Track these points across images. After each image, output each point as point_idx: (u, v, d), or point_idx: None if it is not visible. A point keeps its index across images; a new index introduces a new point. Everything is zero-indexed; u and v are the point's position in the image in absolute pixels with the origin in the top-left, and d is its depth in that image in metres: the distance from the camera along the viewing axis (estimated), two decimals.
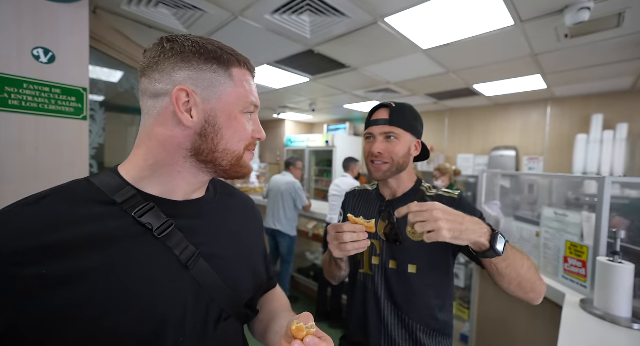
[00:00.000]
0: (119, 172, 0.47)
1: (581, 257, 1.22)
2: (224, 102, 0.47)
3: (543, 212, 1.44)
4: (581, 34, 1.92)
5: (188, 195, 0.50)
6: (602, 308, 1.03)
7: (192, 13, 1.76)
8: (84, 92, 1.09)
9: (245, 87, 0.49)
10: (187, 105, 0.45)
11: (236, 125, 0.48)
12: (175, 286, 0.44)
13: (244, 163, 0.51)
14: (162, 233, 0.44)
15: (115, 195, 0.43)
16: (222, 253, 0.51)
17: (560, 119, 3.72)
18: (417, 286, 0.77)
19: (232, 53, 0.48)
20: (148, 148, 0.47)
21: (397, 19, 1.77)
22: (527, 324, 1.47)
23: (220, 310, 0.49)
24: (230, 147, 0.48)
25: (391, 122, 0.79)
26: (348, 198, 0.98)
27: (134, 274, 0.41)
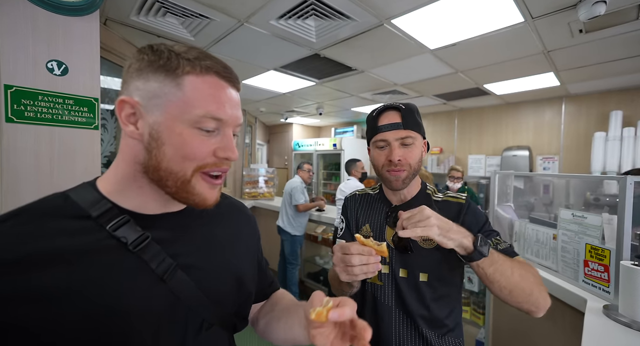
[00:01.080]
0: (97, 185, 0.47)
1: (603, 261, 1.17)
2: (168, 114, 0.42)
3: (560, 213, 1.39)
4: (597, 28, 1.86)
5: (164, 207, 0.49)
6: (628, 315, 0.98)
7: (199, 21, 1.79)
8: (95, 102, 1.12)
9: (198, 97, 0.42)
10: (134, 117, 0.43)
11: (179, 142, 0.42)
12: (149, 300, 0.43)
13: (192, 190, 0.44)
14: (137, 247, 0.43)
15: (90, 209, 0.43)
16: (202, 264, 0.49)
17: (576, 117, 3.61)
18: (429, 295, 0.75)
19: (191, 58, 0.43)
20: (117, 161, 0.47)
21: (403, 20, 1.75)
22: (546, 330, 1.42)
23: (201, 320, 0.48)
24: (171, 167, 0.43)
25: (405, 125, 0.74)
26: (348, 203, 0.92)
27: (105, 289, 0.40)
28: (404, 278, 0.76)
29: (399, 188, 0.76)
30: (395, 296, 0.77)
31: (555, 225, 1.42)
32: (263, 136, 6.53)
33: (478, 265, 0.62)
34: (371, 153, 0.82)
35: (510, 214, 1.93)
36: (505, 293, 0.64)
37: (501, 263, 0.63)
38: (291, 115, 5.21)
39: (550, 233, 1.46)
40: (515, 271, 0.64)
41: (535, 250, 1.55)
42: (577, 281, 1.26)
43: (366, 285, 0.82)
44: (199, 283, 0.47)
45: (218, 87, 0.44)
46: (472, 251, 0.61)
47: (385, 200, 0.86)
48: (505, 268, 0.63)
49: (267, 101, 4.14)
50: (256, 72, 2.76)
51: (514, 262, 0.66)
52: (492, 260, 0.62)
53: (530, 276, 0.66)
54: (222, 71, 0.45)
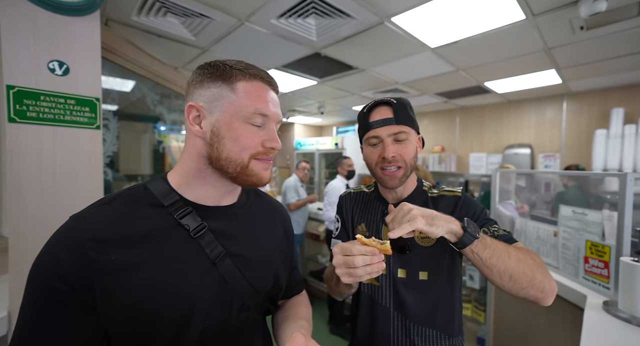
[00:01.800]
0: (168, 179, 0.56)
1: (603, 257, 1.17)
2: (226, 113, 0.52)
3: (561, 210, 1.39)
4: (598, 25, 1.85)
5: (218, 200, 0.57)
6: (628, 311, 0.98)
7: (199, 21, 1.79)
8: (97, 102, 1.12)
9: (248, 98, 0.52)
10: (198, 118, 0.53)
11: (236, 135, 0.52)
12: (204, 279, 0.51)
13: (251, 172, 0.54)
14: (197, 234, 0.52)
15: (163, 199, 0.52)
16: (246, 254, 0.57)
17: (578, 114, 3.59)
18: (429, 293, 0.73)
19: (242, 68, 0.54)
20: (183, 158, 0.56)
21: (403, 18, 1.75)
22: (547, 327, 1.42)
23: (242, 302, 0.55)
24: (231, 156, 0.52)
25: (398, 120, 0.72)
26: (343, 201, 0.90)
27: (172, 266, 0.49)
28: (403, 279, 0.74)
29: (395, 186, 0.75)
30: (393, 297, 0.75)
31: (556, 222, 1.42)
32: None
33: (472, 250, 0.60)
34: (364, 151, 0.80)
35: (511, 212, 1.93)
36: (506, 279, 0.60)
37: (495, 246, 0.61)
38: (293, 115, 5.21)
39: (551, 230, 1.46)
40: (512, 255, 0.61)
41: (536, 247, 1.55)
42: (578, 278, 1.27)
43: (362, 286, 0.80)
44: (243, 271, 0.55)
45: (263, 90, 0.55)
46: (462, 235, 0.59)
47: (380, 199, 0.83)
48: (500, 252, 0.61)
49: None
50: None
51: (510, 246, 0.64)
52: (486, 243, 0.60)
53: (529, 260, 0.63)
54: (265, 77, 0.56)
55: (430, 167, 4.73)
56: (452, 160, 4.52)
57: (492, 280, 0.62)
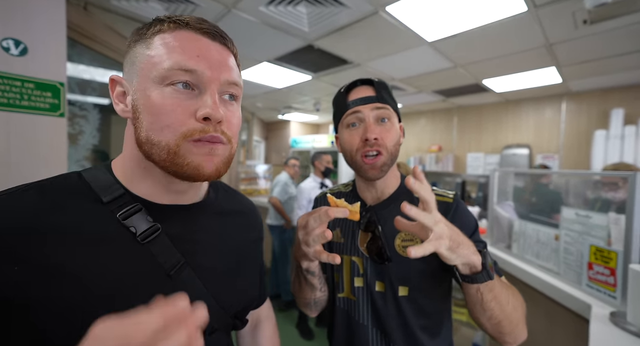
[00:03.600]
0: (112, 167, 0.45)
1: (609, 264, 1.09)
2: (141, 79, 0.39)
3: (562, 213, 1.31)
4: (602, 19, 1.77)
5: (176, 198, 0.46)
6: (638, 324, 0.90)
7: (184, 6, 1.69)
8: (60, 87, 1.02)
9: (166, 50, 0.38)
10: (125, 95, 0.41)
11: (151, 105, 0.37)
12: (155, 295, 0.38)
13: (182, 161, 0.39)
14: (146, 239, 0.40)
15: (102, 193, 0.41)
16: (211, 264, 0.47)
17: (577, 115, 3.53)
18: (410, 312, 0.63)
19: (165, 17, 0.40)
20: (124, 144, 0.44)
21: (398, 7, 1.66)
22: (547, 336, 1.34)
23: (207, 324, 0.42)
24: (151, 136, 0.38)
25: (380, 98, 0.63)
26: (318, 204, 0.79)
27: (105, 279, 0.37)
28: (381, 293, 0.64)
29: (375, 177, 0.64)
30: (371, 313, 0.65)
31: (557, 224, 1.34)
32: (261, 133, 6.44)
33: (478, 288, 0.51)
34: (341, 138, 0.68)
35: (510, 213, 1.85)
36: (493, 323, 0.54)
37: (500, 290, 0.53)
38: (289, 112, 5.12)
39: (552, 234, 1.38)
40: (510, 302, 0.55)
41: (535, 251, 1.47)
42: (580, 285, 1.19)
43: (337, 301, 0.70)
44: (207, 284, 0.45)
45: (191, 39, 0.39)
46: (478, 271, 0.49)
47: (358, 199, 0.72)
48: (502, 297, 0.53)
49: (263, 96, 4.05)
50: (249, 64, 2.66)
51: (509, 291, 0.57)
52: (493, 285, 0.51)
53: (519, 307, 0.58)
54: (194, 23, 0.40)
55: (427, 167, 4.66)
56: (449, 160, 4.44)
57: (477, 317, 0.56)
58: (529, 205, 2.07)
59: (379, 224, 0.64)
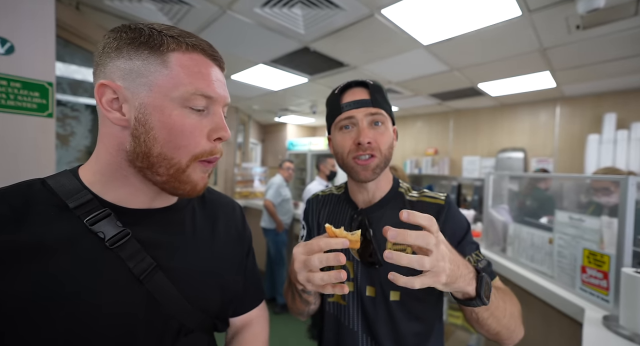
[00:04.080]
0: (79, 173, 0.44)
1: (602, 267, 1.08)
2: (156, 94, 0.40)
3: (556, 216, 1.31)
4: (594, 24, 1.79)
5: (149, 202, 0.46)
6: (630, 328, 0.89)
7: (178, 7, 1.68)
8: (49, 87, 1.00)
9: (186, 74, 0.40)
10: (117, 102, 0.41)
11: (172, 124, 0.40)
12: (123, 301, 0.40)
13: (187, 178, 0.42)
14: (115, 244, 0.40)
15: (69, 199, 0.40)
16: (185, 267, 0.47)
17: (570, 119, 3.57)
18: (402, 317, 0.61)
19: (175, 35, 0.41)
20: (99, 150, 0.44)
21: (394, 10, 1.66)
22: (541, 339, 1.33)
23: (180, 324, 0.45)
24: (166, 152, 0.41)
25: (374, 102, 0.62)
26: (310, 205, 0.78)
27: (76, 286, 0.38)
28: (372, 298, 0.63)
29: (367, 179, 0.63)
30: (361, 319, 0.64)
31: (552, 228, 1.34)
32: (258, 135, 6.43)
33: (472, 310, 0.51)
34: (333, 140, 0.67)
35: (505, 216, 1.85)
36: (491, 334, 0.56)
37: (497, 304, 0.52)
38: (285, 114, 5.11)
39: (546, 237, 1.37)
40: (507, 312, 0.54)
41: (530, 255, 1.47)
42: (574, 289, 1.18)
43: (327, 305, 0.68)
44: (181, 287, 0.45)
45: (206, 65, 0.43)
46: (473, 298, 0.48)
47: (349, 201, 0.71)
48: (499, 312, 0.53)
49: (259, 98, 4.04)
50: (244, 65, 2.66)
51: (505, 300, 0.56)
52: (490, 303, 0.50)
53: (516, 312, 0.58)
54: (207, 49, 0.44)
55: (424, 170, 4.67)
56: (445, 163, 4.46)
57: (476, 329, 0.57)
58: (524, 209, 2.08)
59: (370, 227, 0.63)
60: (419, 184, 4.61)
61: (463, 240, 0.63)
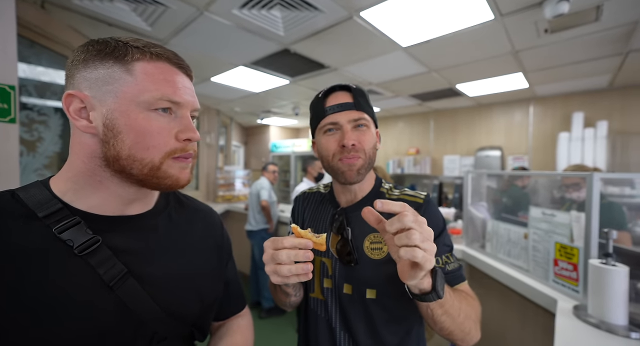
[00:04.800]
0: (50, 184, 0.45)
1: (572, 260, 1.14)
2: (121, 100, 0.42)
3: (530, 212, 1.36)
4: (560, 28, 1.89)
5: (122, 209, 0.47)
6: (597, 316, 0.94)
7: (153, 8, 1.63)
8: (10, 90, 0.95)
9: (151, 81, 0.43)
10: (85, 111, 0.43)
11: (139, 127, 0.42)
12: (92, 307, 0.41)
13: (164, 174, 0.45)
14: (84, 251, 0.41)
15: (38, 209, 0.41)
16: (159, 274, 0.47)
17: (543, 118, 3.74)
18: (379, 316, 0.62)
19: (140, 46, 0.43)
20: (71, 159, 0.45)
21: (372, 12, 1.69)
22: (520, 332, 1.38)
23: (153, 332, 0.45)
24: (135, 154, 0.43)
25: (358, 106, 0.64)
26: (297, 203, 0.80)
27: (44, 294, 0.38)
28: (349, 295, 0.64)
29: (353, 180, 0.64)
30: (339, 315, 0.65)
31: (526, 223, 1.40)
32: (240, 137, 6.33)
33: (428, 306, 0.52)
34: (318, 143, 0.68)
35: (483, 213, 1.92)
36: (445, 333, 0.56)
37: (451, 304, 0.53)
38: (268, 116, 5.07)
39: (522, 233, 1.43)
40: (462, 312, 0.55)
41: (507, 250, 1.52)
42: (548, 281, 1.24)
43: (309, 300, 0.70)
44: (154, 294, 0.45)
45: (171, 73, 0.45)
46: (428, 292, 0.49)
47: (333, 201, 0.73)
48: (453, 311, 0.54)
49: (241, 100, 3.98)
50: (225, 68, 2.62)
51: (462, 301, 0.57)
52: (444, 301, 0.51)
53: (472, 314, 0.58)
54: (172, 57, 0.45)
55: (406, 169, 4.76)
56: (426, 162, 4.56)
57: (430, 326, 0.57)
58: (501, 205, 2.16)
59: (348, 226, 0.65)
60: (401, 184, 4.69)
61: (437, 238, 0.64)
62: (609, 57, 2.38)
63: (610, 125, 3.20)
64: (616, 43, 2.11)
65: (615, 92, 3.27)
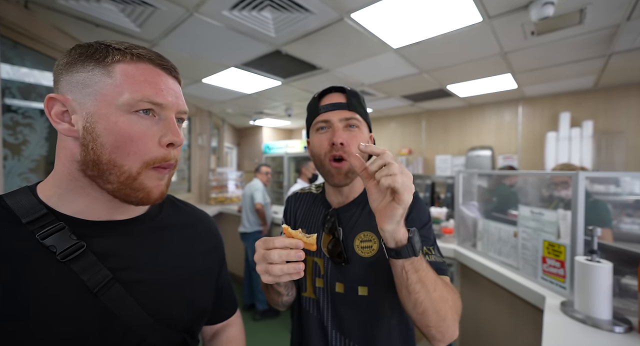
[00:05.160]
0: (37, 189, 0.45)
1: (559, 257, 1.17)
2: (100, 103, 0.41)
3: (520, 211, 1.39)
4: (546, 31, 1.93)
5: (111, 213, 0.46)
6: (583, 311, 0.96)
7: (141, 9, 1.61)
8: None
9: (131, 83, 0.42)
10: (67, 114, 0.42)
11: (118, 130, 0.41)
12: (75, 314, 0.40)
13: (139, 186, 0.43)
14: (67, 257, 0.40)
15: (22, 214, 0.41)
16: (148, 280, 0.46)
17: (531, 118, 3.81)
18: (370, 312, 0.63)
19: (122, 48, 0.43)
20: (56, 163, 0.45)
21: (363, 14, 1.70)
22: (510, 329, 1.41)
23: (140, 339, 0.44)
24: (115, 159, 0.41)
25: (350, 106, 0.66)
26: (289, 203, 0.81)
27: (25, 301, 0.37)
28: (341, 294, 0.65)
29: (341, 183, 0.65)
30: (331, 314, 0.66)
31: (515, 222, 1.42)
32: (233, 139, 6.29)
33: (403, 266, 0.51)
34: (311, 142, 0.69)
35: (474, 213, 1.94)
36: (419, 311, 0.52)
37: (427, 273, 0.52)
38: (260, 117, 5.04)
39: (511, 231, 1.46)
40: (438, 289, 0.53)
41: (497, 248, 1.55)
42: (536, 278, 1.26)
43: (301, 299, 0.71)
44: (142, 300, 0.44)
45: (153, 74, 0.44)
46: (403, 245, 0.49)
47: (324, 202, 0.74)
48: (429, 282, 0.52)
49: (233, 102, 3.96)
50: (216, 69, 2.60)
51: (439, 279, 0.56)
52: (419, 266, 0.51)
53: (449, 300, 0.56)
54: (155, 58, 0.44)
55: None
56: (419, 162, 4.61)
57: (405, 304, 0.55)
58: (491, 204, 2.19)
59: (339, 226, 0.66)
60: None
61: (420, 230, 0.64)
62: (593, 59, 2.44)
63: (595, 125, 3.28)
64: (599, 45, 2.16)
65: (600, 92, 3.36)
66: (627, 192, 2.40)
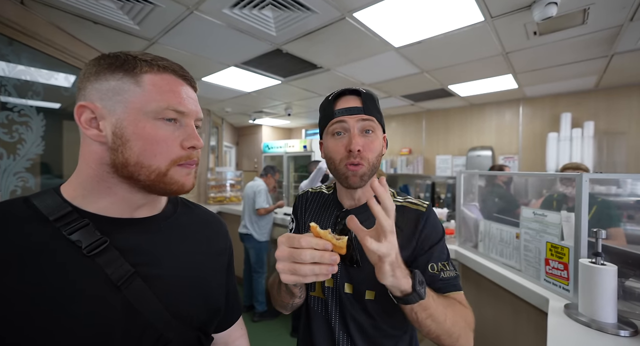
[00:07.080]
0: (60, 190, 0.47)
1: (562, 259, 1.15)
2: (130, 110, 0.44)
3: (522, 212, 1.38)
4: (549, 31, 1.92)
5: (130, 212, 0.49)
6: (587, 314, 0.95)
7: (140, 6, 1.59)
8: None
9: (158, 92, 0.45)
10: (95, 121, 0.45)
11: (146, 135, 0.45)
12: (101, 306, 0.42)
13: (170, 180, 0.47)
14: (92, 251, 0.43)
15: (49, 213, 0.43)
16: (167, 274, 0.48)
17: (532, 118, 3.80)
18: (378, 315, 0.64)
19: (149, 59, 0.46)
20: (80, 165, 0.48)
21: (365, 13, 1.68)
22: (513, 332, 1.39)
23: (158, 334, 0.45)
24: (143, 161, 0.45)
25: (366, 110, 0.65)
26: (299, 201, 0.82)
27: (53, 293, 0.39)
28: (349, 295, 0.66)
29: (355, 185, 0.65)
30: (339, 314, 0.66)
31: (517, 223, 1.41)
32: (232, 138, 6.26)
33: (412, 309, 0.52)
34: (325, 145, 0.69)
35: (475, 214, 1.93)
36: (432, 336, 0.56)
37: (435, 308, 0.54)
38: (260, 116, 5.02)
39: (514, 232, 1.44)
40: (448, 318, 0.55)
41: (499, 250, 1.54)
42: (539, 280, 1.25)
43: (309, 298, 0.71)
44: (161, 295, 0.46)
45: (177, 84, 0.48)
46: (409, 293, 0.51)
47: (337, 203, 0.74)
48: (438, 315, 0.54)
49: (232, 101, 3.93)
50: (216, 68, 2.57)
51: (448, 307, 0.57)
52: (428, 304, 0.52)
53: (461, 321, 0.58)
54: (178, 70, 0.49)
55: (399, 170, 4.78)
56: (419, 162, 4.59)
57: (417, 328, 0.57)
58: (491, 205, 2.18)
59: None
60: (394, 183, 4.71)
61: (434, 245, 0.65)
62: (595, 59, 2.43)
63: (596, 126, 3.27)
64: (602, 45, 2.15)
65: (601, 93, 3.35)
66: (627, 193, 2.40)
